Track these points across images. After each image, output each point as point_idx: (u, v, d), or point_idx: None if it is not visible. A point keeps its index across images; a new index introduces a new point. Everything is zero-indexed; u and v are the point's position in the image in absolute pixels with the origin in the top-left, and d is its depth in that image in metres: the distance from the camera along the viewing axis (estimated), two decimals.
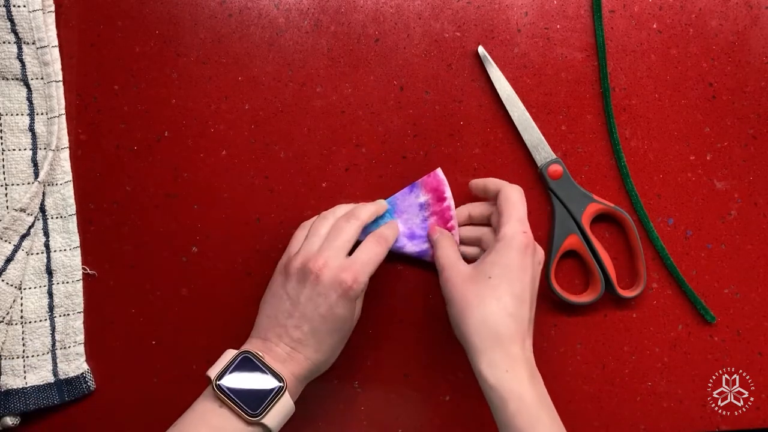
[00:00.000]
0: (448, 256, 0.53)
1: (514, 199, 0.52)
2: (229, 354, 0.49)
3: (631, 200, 0.59)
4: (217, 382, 0.47)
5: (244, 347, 0.50)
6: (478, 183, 0.56)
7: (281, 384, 0.48)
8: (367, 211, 0.54)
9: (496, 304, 0.48)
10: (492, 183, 0.55)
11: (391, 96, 0.59)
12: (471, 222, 0.57)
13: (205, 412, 0.47)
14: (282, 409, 0.48)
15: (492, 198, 0.55)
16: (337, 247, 0.51)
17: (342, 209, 0.55)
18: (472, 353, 0.48)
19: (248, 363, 0.48)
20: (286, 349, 0.50)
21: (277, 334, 0.50)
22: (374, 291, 0.59)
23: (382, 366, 0.59)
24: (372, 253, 0.52)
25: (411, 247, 0.57)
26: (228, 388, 0.47)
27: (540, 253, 0.52)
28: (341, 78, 0.58)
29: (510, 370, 0.47)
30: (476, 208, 0.57)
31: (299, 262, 0.50)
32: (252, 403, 0.47)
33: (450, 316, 0.51)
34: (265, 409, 0.47)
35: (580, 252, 0.59)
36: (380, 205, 0.56)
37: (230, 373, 0.48)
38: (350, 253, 0.52)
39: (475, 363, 0.48)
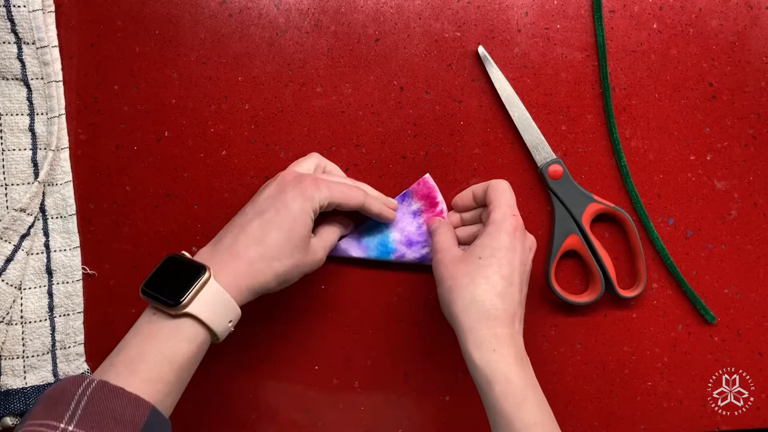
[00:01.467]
0: (444, 240, 0.54)
1: (501, 187, 0.53)
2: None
3: (631, 200, 0.59)
4: (142, 287, 0.46)
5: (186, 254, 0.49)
6: (464, 194, 0.57)
7: (202, 270, 0.46)
8: (377, 198, 0.56)
9: (485, 284, 0.48)
10: (477, 186, 0.56)
11: (391, 96, 0.59)
12: (463, 224, 0.58)
13: (140, 324, 0.46)
14: (211, 297, 0.46)
15: (481, 202, 0.56)
16: (314, 171, 0.54)
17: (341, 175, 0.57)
18: (460, 333, 0.48)
19: (172, 262, 0.47)
20: (229, 240, 0.49)
21: (227, 232, 0.50)
22: (374, 291, 0.59)
23: (382, 366, 0.59)
24: (344, 186, 0.52)
25: (411, 254, 0.57)
26: (150, 290, 0.46)
27: (531, 239, 0.53)
28: (341, 78, 0.58)
29: (497, 350, 0.47)
30: (467, 213, 0.58)
31: (281, 173, 0.52)
32: (173, 295, 0.45)
33: (440, 296, 0.51)
34: (187, 296, 0.45)
35: (580, 252, 0.59)
36: (390, 203, 0.57)
37: (154, 276, 0.47)
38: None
39: (463, 343, 0.48)
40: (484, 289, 0.48)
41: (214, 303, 0.46)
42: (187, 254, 0.48)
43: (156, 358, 0.44)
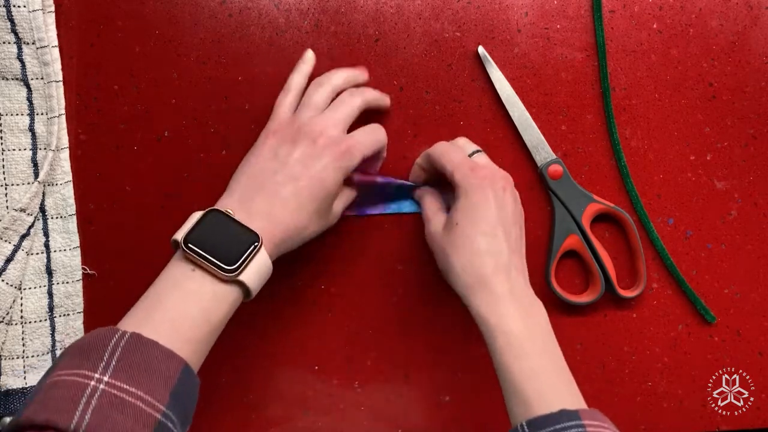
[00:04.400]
0: (429, 209, 0.55)
1: (442, 149, 0.54)
2: (197, 215, 0.46)
3: (631, 200, 0.59)
4: (186, 242, 0.44)
5: (216, 206, 0.47)
6: (413, 172, 0.58)
7: (256, 238, 0.45)
8: (372, 93, 0.55)
9: (469, 248, 0.49)
10: (419, 158, 0.57)
11: (391, 96, 0.59)
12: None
13: (177, 278, 0.45)
14: (259, 267, 0.45)
15: (433, 172, 0.56)
16: (336, 119, 0.51)
17: (339, 76, 0.54)
18: (462, 298, 0.49)
19: (218, 221, 0.46)
20: (264, 207, 0.47)
21: (257, 191, 0.48)
22: (374, 291, 0.59)
23: (382, 366, 0.59)
24: (371, 136, 0.52)
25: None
26: (198, 248, 0.44)
27: (502, 180, 0.52)
28: None
29: (496, 306, 0.48)
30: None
31: (295, 127, 0.50)
32: (226, 260, 0.44)
33: (438, 265, 0.52)
34: (242, 265, 0.44)
35: (580, 252, 0.59)
36: (383, 95, 0.56)
37: (198, 232, 0.45)
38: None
39: (466, 305, 0.49)
40: (469, 254, 0.49)
41: (260, 272, 0.46)
42: (231, 212, 0.46)
43: (198, 319, 0.44)
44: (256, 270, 0.45)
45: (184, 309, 0.44)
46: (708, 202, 0.60)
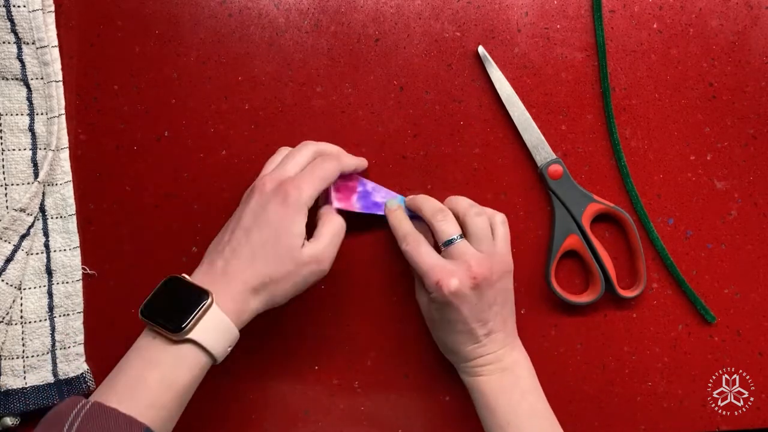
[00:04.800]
0: (417, 278, 0.55)
1: (412, 251, 0.52)
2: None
3: (631, 200, 0.59)
4: (142, 310, 0.46)
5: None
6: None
7: (205, 296, 0.46)
8: (352, 160, 0.56)
9: (447, 340, 0.54)
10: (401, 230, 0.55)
11: (391, 96, 0.59)
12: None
13: (141, 346, 0.46)
14: (212, 323, 0.46)
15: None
16: (290, 170, 0.51)
17: (324, 145, 0.55)
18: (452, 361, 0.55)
19: (173, 286, 0.47)
20: (222, 265, 0.48)
21: (218, 252, 0.49)
22: (374, 291, 0.59)
23: (382, 366, 0.59)
24: (316, 172, 0.51)
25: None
26: (151, 314, 0.46)
27: (468, 278, 0.51)
28: (341, 78, 0.58)
29: (478, 374, 0.53)
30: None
31: (252, 186, 0.51)
32: (176, 321, 0.45)
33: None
34: (189, 323, 0.45)
35: (580, 252, 0.59)
36: (362, 161, 0.57)
37: (155, 299, 0.46)
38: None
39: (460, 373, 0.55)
40: (451, 341, 0.53)
41: (216, 329, 0.46)
42: (187, 277, 0.48)
43: (158, 384, 0.44)
44: (210, 327, 0.46)
45: (143, 374, 0.45)
46: (708, 202, 0.60)
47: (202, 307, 0.45)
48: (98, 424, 0.41)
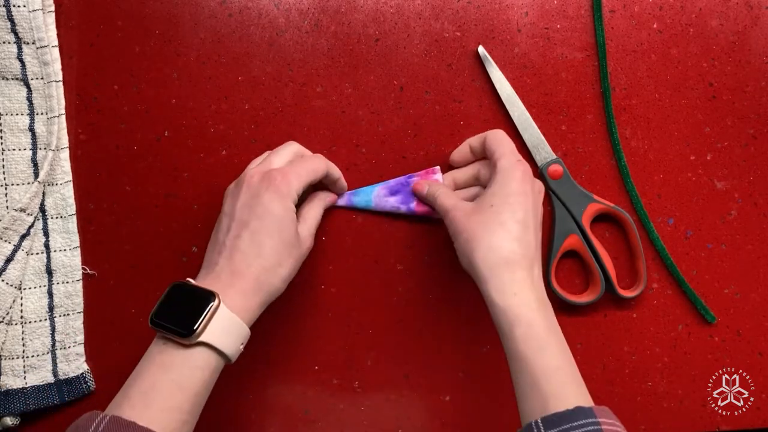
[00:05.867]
0: (448, 199, 0.53)
1: (500, 136, 0.54)
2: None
3: (631, 200, 0.59)
4: (151, 318, 0.46)
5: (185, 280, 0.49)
6: (461, 148, 0.58)
7: (211, 298, 0.46)
8: (337, 171, 0.56)
9: (501, 230, 0.48)
10: (473, 138, 0.57)
11: (391, 96, 0.59)
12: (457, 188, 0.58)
13: (152, 354, 0.46)
14: (222, 323, 0.46)
15: (480, 155, 0.57)
16: (275, 162, 0.52)
17: (307, 150, 0.56)
18: (481, 281, 0.48)
19: (179, 291, 0.47)
20: (225, 264, 0.48)
21: (218, 252, 0.49)
22: (374, 291, 0.59)
23: (382, 366, 0.59)
24: (306, 164, 0.52)
25: (392, 202, 0.58)
26: (161, 321, 0.46)
27: (539, 183, 0.54)
28: (341, 78, 0.58)
29: (518, 294, 0.47)
30: (459, 174, 0.58)
31: (238, 180, 0.51)
32: (185, 326, 0.45)
33: (457, 249, 0.51)
34: (199, 326, 0.45)
35: (580, 252, 0.59)
36: (341, 179, 0.57)
37: (163, 306, 0.46)
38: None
39: (484, 290, 0.48)
40: (501, 235, 0.48)
41: (226, 328, 0.46)
42: (192, 281, 0.48)
43: (170, 388, 0.44)
44: (219, 327, 0.46)
45: (156, 380, 0.45)
46: (708, 202, 0.60)
47: (210, 309, 0.45)
48: None
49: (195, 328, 0.45)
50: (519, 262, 0.48)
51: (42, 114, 0.55)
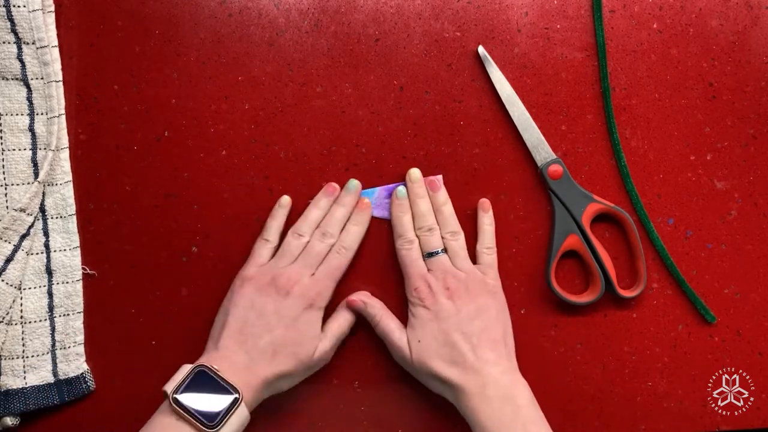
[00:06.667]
0: (391, 334, 0.56)
1: (403, 263, 0.57)
2: (185, 368, 0.50)
3: (631, 200, 0.59)
4: (174, 396, 0.48)
5: (201, 360, 0.52)
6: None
7: (237, 396, 0.49)
8: (339, 229, 0.57)
9: (435, 365, 0.54)
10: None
11: (391, 96, 0.59)
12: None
13: (164, 427, 0.48)
14: (238, 419, 0.49)
15: None
16: (310, 265, 0.55)
17: (314, 214, 0.57)
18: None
19: (204, 376, 0.49)
20: (244, 359, 0.51)
21: (238, 343, 0.52)
22: (374, 291, 0.59)
23: (382, 366, 0.59)
24: (336, 268, 0.56)
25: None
26: (185, 402, 0.48)
27: (444, 289, 0.55)
28: (341, 78, 0.58)
29: (469, 404, 0.52)
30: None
31: (269, 277, 0.54)
32: (208, 416, 0.48)
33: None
34: (223, 420, 0.48)
35: (580, 252, 0.59)
36: (362, 216, 0.58)
37: (186, 386, 0.49)
38: None
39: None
40: (435, 367, 0.53)
41: (238, 421, 0.49)
42: (216, 368, 0.50)
43: None
44: (236, 422, 0.49)
45: None
46: (708, 202, 0.60)
47: (234, 407, 0.49)
48: None
49: (219, 420, 0.48)
50: (461, 379, 0.53)
51: (42, 114, 0.55)
